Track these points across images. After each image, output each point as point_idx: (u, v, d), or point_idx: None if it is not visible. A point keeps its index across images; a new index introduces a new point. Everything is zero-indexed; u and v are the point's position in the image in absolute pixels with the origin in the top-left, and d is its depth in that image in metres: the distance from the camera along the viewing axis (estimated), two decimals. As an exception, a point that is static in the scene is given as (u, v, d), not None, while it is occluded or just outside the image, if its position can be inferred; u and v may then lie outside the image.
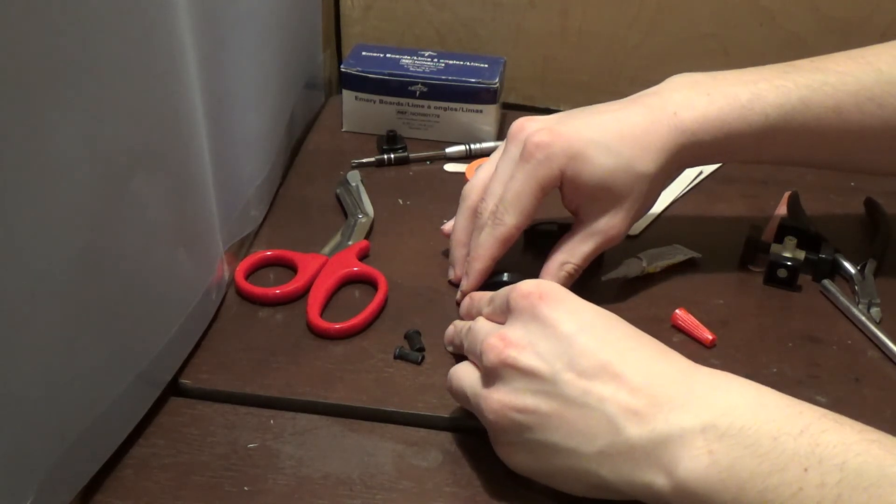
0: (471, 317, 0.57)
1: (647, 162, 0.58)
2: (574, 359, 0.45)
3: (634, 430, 0.43)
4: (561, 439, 0.45)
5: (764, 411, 0.42)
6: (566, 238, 0.61)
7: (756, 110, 0.58)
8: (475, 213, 0.62)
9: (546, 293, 0.48)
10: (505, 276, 0.61)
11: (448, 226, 0.66)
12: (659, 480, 0.42)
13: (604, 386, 0.44)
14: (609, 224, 0.60)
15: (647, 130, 0.58)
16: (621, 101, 0.61)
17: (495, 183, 0.60)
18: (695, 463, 0.41)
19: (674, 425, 0.42)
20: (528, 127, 0.59)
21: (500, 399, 0.46)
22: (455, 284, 0.64)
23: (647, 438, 0.42)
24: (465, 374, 0.50)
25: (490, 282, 0.61)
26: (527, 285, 0.48)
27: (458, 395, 0.51)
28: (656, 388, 0.43)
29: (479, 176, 0.62)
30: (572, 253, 0.61)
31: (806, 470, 0.39)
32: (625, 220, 0.60)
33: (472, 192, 0.62)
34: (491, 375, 0.47)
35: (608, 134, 0.58)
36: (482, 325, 0.51)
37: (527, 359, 0.46)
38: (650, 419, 0.42)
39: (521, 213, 0.59)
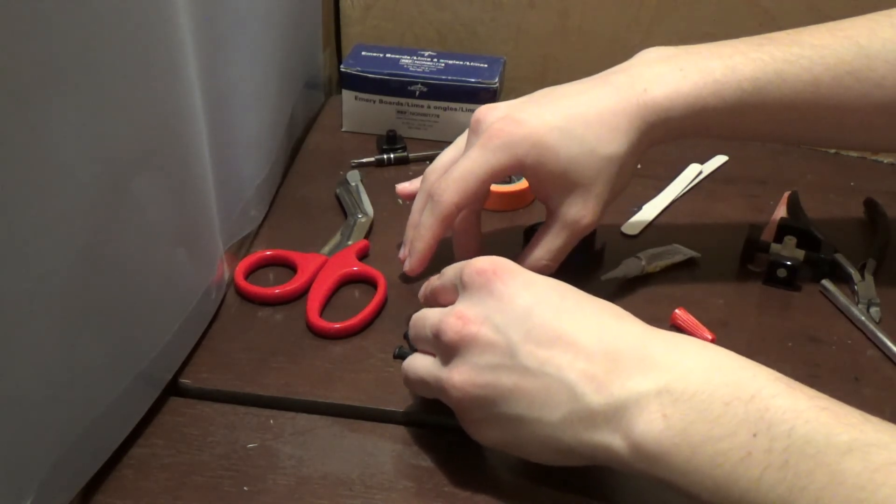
0: (426, 299, 0.55)
1: (613, 144, 0.56)
2: (531, 331, 0.45)
3: (594, 397, 0.43)
4: (524, 410, 0.45)
5: (718, 374, 0.42)
6: (541, 233, 0.60)
7: (731, 84, 0.57)
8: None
9: (500, 268, 0.48)
10: None
11: (402, 185, 0.67)
12: (617, 443, 0.43)
13: (561, 354, 0.44)
14: (580, 213, 0.58)
15: (614, 112, 0.56)
16: (589, 79, 0.59)
17: (449, 156, 0.60)
18: (650, 426, 0.41)
19: (630, 390, 0.42)
20: (489, 116, 0.58)
21: (462, 377, 0.46)
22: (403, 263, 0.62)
23: (605, 404, 0.43)
24: (420, 363, 0.50)
25: None
26: (481, 262, 0.48)
27: (417, 384, 0.50)
28: (612, 353, 0.44)
29: (442, 159, 0.62)
30: (547, 249, 0.59)
31: (755, 435, 0.39)
32: (596, 206, 0.58)
33: (431, 174, 0.61)
34: (449, 354, 0.47)
35: (572, 119, 0.56)
36: (428, 312, 0.50)
37: (485, 333, 0.46)
38: (608, 385, 0.43)
39: (463, 193, 0.57)
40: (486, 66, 0.81)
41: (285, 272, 0.65)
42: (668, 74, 0.57)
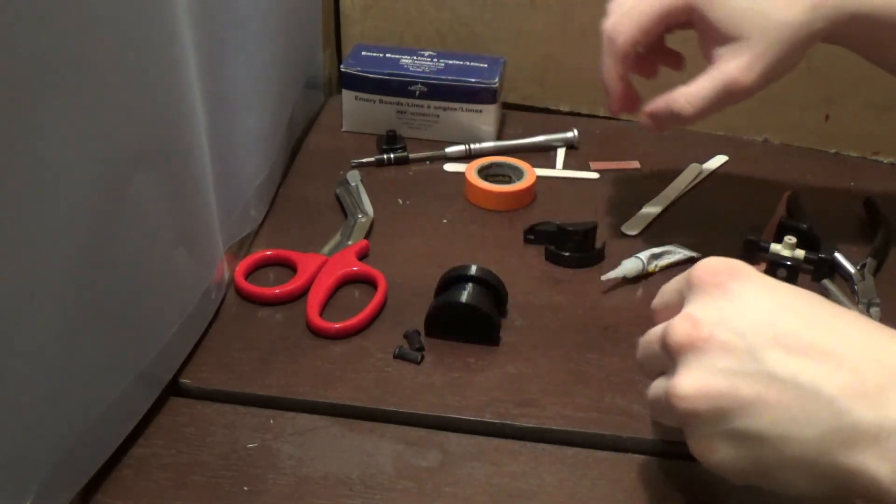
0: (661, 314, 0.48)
1: (790, 11, 0.56)
2: (778, 336, 0.40)
3: (863, 413, 0.37)
4: (769, 426, 0.39)
5: None
6: (693, 79, 0.59)
7: None
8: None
9: (736, 268, 0.43)
10: (473, 269, 0.60)
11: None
12: (883, 470, 0.37)
13: (818, 365, 0.39)
14: (735, 66, 0.57)
15: None
16: None
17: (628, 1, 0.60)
18: None
19: None
20: None
21: (690, 384, 0.40)
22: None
23: (876, 424, 0.37)
24: (656, 384, 0.44)
25: (455, 275, 0.60)
26: (712, 261, 0.43)
27: (658, 411, 0.44)
28: (888, 368, 0.38)
29: (618, 6, 0.62)
30: (690, 91, 0.59)
31: None
32: (751, 66, 0.57)
33: (609, 18, 0.62)
34: (678, 360, 0.41)
35: None
36: (652, 329, 0.45)
37: (721, 335, 0.40)
38: (883, 403, 0.37)
39: (638, 29, 0.58)
40: (486, 66, 0.81)
41: (285, 272, 0.65)
42: None
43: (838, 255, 0.66)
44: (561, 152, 0.81)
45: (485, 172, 0.75)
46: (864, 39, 0.59)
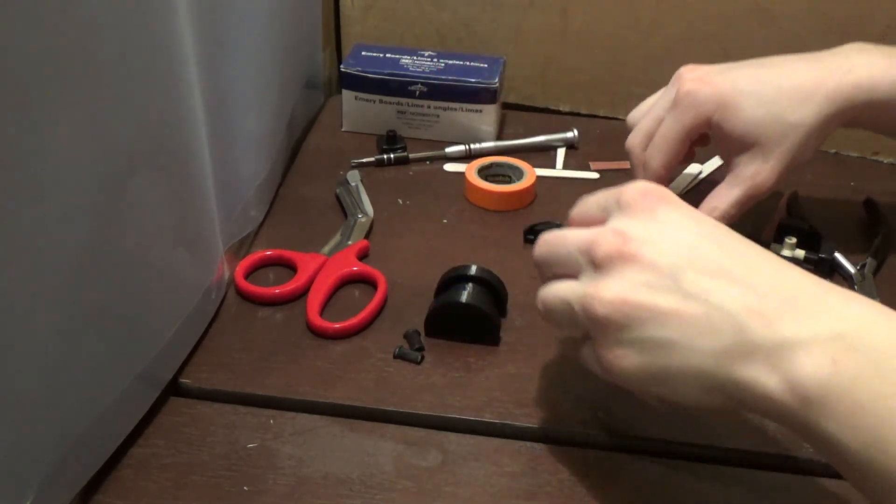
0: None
1: (803, 112, 0.59)
2: (696, 260, 0.43)
3: (759, 331, 0.41)
4: (678, 335, 0.42)
5: None
6: (717, 187, 0.63)
7: None
8: None
9: (665, 196, 0.46)
10: (473, 269, 0.60)
11: None
12: (772, 382, 0.40)
13: (728, 286, 0.42)
14: (756, 171, 0.61)
15: (814, 82, 0.59)
16: (800, 55, 0.62)
17: (646, 119, 0.64)
18: (815, 369, 0.39)
19: (801, 332, 0.40)
20: (685, 74, 0.62)
21: (613, 291, 0.43)
22: None
23: (769, 340, 0.40)
24: (561, 285, 0.47)
25: (454, 275, 0.60)
26: (644, 186, 0.46)
27: (556, 310, 0.47)
28: (786, 296, 0.42)
29: (638, 127, 0.65)
30: (718, 198, 0.62)
31: None
32: (773, 169, 0.60)
33: (634, 146, 0.66)
34: (602, 270, 0.44)
35: (765, 86, 0.59)
36: (568, 231, 0.48)
37: (647, 253, 0.43)
38: (777, 322, 0.41)
39: (667, 155, 0.62)
40: (486, 66, 0.81)
41: (285, 272, 0.65)
42: (875, 60, 0.60)
43: (838, 255, 0.66)
44: (561, 152, 0.81)
45: (485, 172, 0.75)
46: (881, 122, 0.62)
